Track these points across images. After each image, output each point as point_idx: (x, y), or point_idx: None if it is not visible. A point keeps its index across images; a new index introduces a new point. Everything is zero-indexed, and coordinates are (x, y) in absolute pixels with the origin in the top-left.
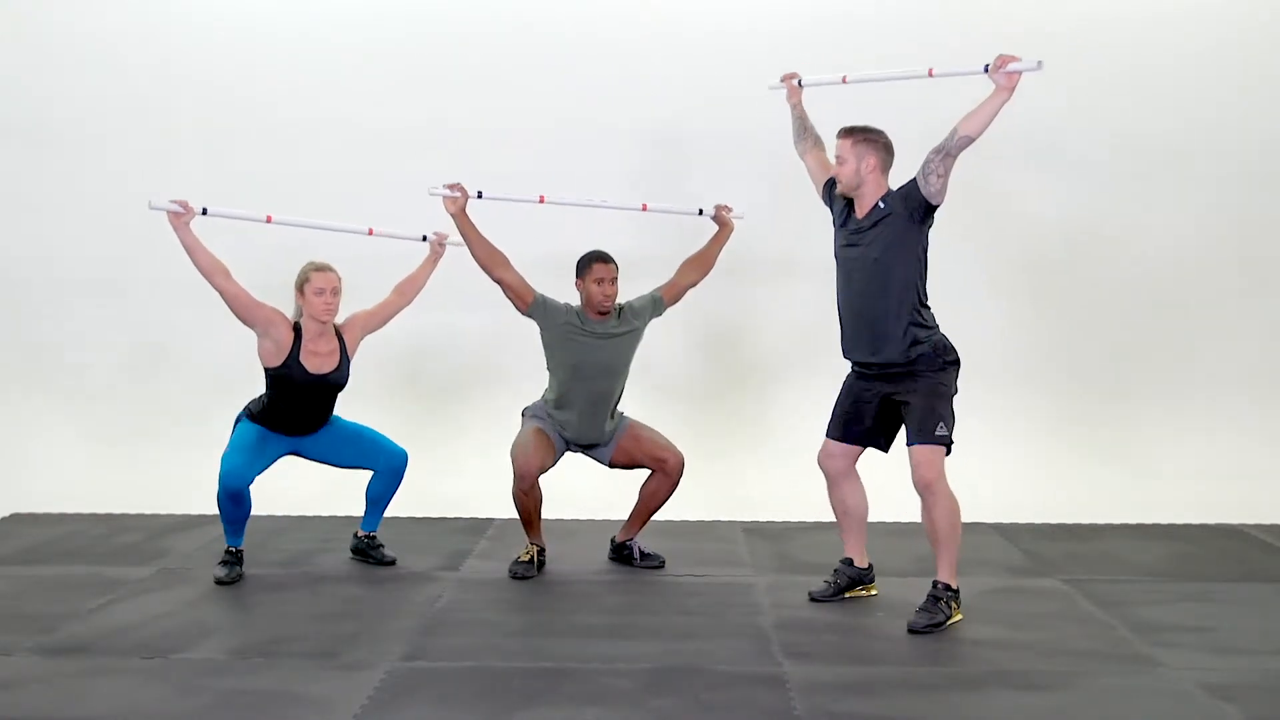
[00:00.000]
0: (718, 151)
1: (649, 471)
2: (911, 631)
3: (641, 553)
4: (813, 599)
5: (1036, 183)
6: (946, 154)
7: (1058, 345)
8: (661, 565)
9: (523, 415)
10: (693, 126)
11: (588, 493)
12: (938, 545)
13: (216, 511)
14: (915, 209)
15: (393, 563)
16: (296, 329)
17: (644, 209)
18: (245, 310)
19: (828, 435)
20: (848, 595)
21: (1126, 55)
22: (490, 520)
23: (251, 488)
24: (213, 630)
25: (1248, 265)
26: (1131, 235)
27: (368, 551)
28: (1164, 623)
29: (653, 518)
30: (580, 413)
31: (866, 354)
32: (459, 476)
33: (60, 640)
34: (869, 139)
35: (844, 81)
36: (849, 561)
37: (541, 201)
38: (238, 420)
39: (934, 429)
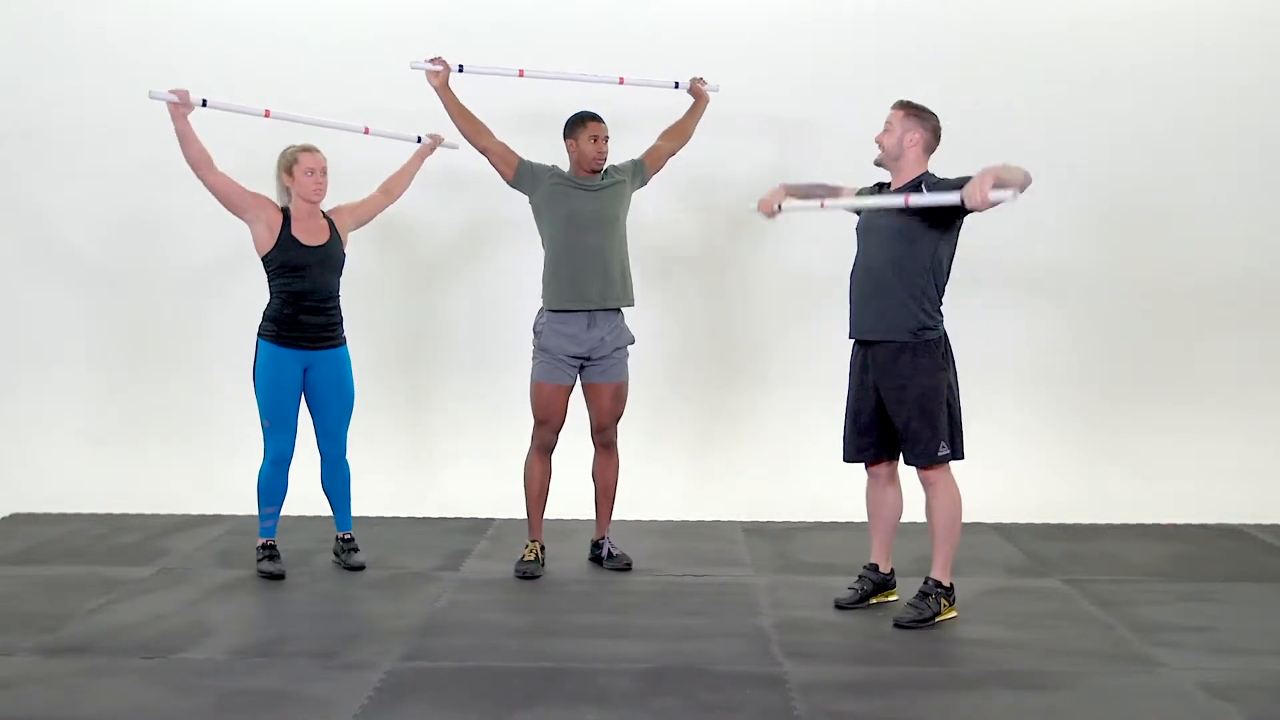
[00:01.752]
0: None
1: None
2: (898, 626)
3: (609, 553)
4: (839, 607)
5: (1040, 188)
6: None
7: (1057, 346)
8: (628, 568)
9: (534, 333)
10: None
11: (588, 493)
12: (935, 538)
13: (214, 511)
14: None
15: (361, 568)
16: (285, 211)
17: (621, 82)
18: (233, 197)
19: (845, 460)
20: (873, 601)
21: (1129, 56)
22: (490, 520)
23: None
24: (213, 630)
25: (1247, 266)
26: (1131, 237)
27: (338, 554)
28: (1164, 623)
29: (652, 517)
30: (579, 278)
31: (870, 328)
32: (459, 476)
33: (60, 640)
34: (920, 116)
35: (822, 207)
36: (874, 567)
37: (521, 75)
38: (256, 350)
39: (936, 450)
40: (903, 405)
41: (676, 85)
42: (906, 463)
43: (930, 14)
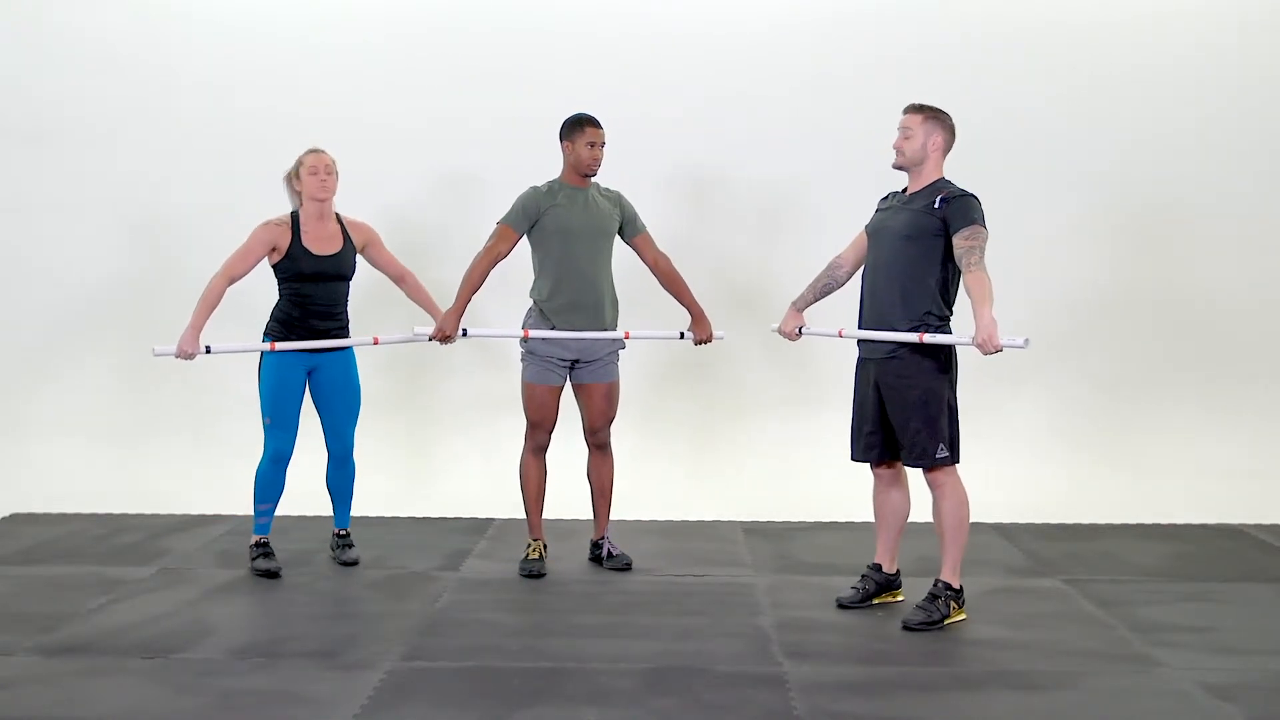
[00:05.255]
0: (721, 159)
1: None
2: (906, 628)
3: (609, 552)
4: (841, 606)
5: (1042, 189)
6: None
7: (1057, 345)
8: (628, 567)
9: (521, 340)
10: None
11: (586, 493)
12: (943, 540)
13: (215, 511)
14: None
15: (355, 563)
16: (294, 220)
17: (626, 337)
18: (252, 264)
19: (853, 459)
20: (875, 601)
21: (1129, 56)
22: (490, 520)
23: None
24: (213, 630)
25: (1247, 265)
26: (1133, 237)
27: (334, 550)
28: (1164, 623)
29: (652, 517)
30: (577, 290)
31: (876, 329)
32: (459, 476)
33: (60, 640)
34: (939, 118)
35: (840, 335)
36: (877, 567)
37: (526, 336)
38: (262, 357)
39: (935, 453)
40: (904, 406)
41: (682, 335)
42: (905, 464)
43: (930, 14)
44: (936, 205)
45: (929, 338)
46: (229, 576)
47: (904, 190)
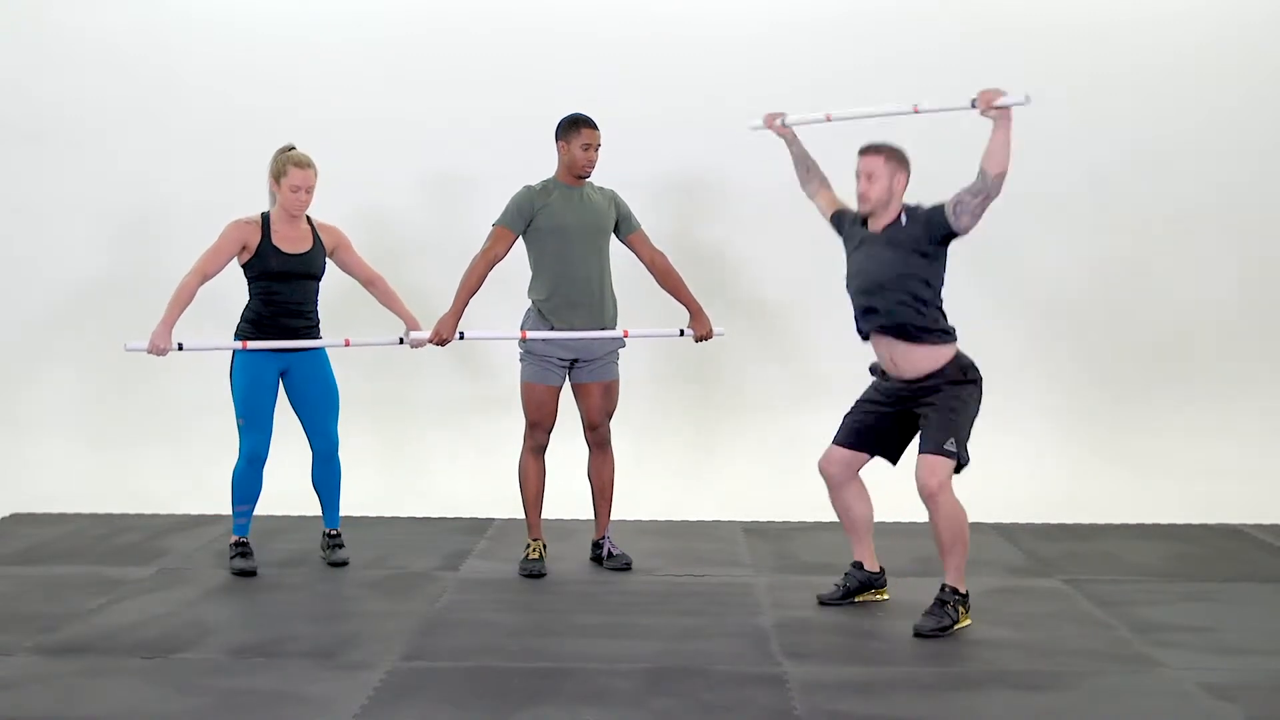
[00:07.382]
0: (718, 161)
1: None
2: (918, 634)
3: (609, 552)
4: (821, 602)
5: (1042, 189)
6: (986, 196)
7: (1057, 345)
8: (628, 567)
9: (519, 341)
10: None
11: (586, 493)
12: (944, 549)
13: (214, 511)
14: (936, 234)
15: (344, 564)
16: (265, 220)
17: (625, 335)
18: (224, 263)
19: (834, 441)
20: (858, 600)
21: (1129, 56)
22: (490, 520)
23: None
24: (213, 630)
25: (1247, 265)
26: (1132, 236)
27: (324, 550)
28: (1164, 623)
29: (652, 517)
30: (574, 289)
31: (900, 338)
32: (459, 476)
33: (60, 640)
34: (901, 158)
35: (828, 119)
36: (859, 565)
37: (524, 338)
38: (233, 359)
39: (943, 442)
40: (930, 406)
41: (681, 333)
42: (920, 450)
43: (930, 14)
44: (905, 224)
45: (924, 105)
46: (228, 577)
47: (865, 224)
